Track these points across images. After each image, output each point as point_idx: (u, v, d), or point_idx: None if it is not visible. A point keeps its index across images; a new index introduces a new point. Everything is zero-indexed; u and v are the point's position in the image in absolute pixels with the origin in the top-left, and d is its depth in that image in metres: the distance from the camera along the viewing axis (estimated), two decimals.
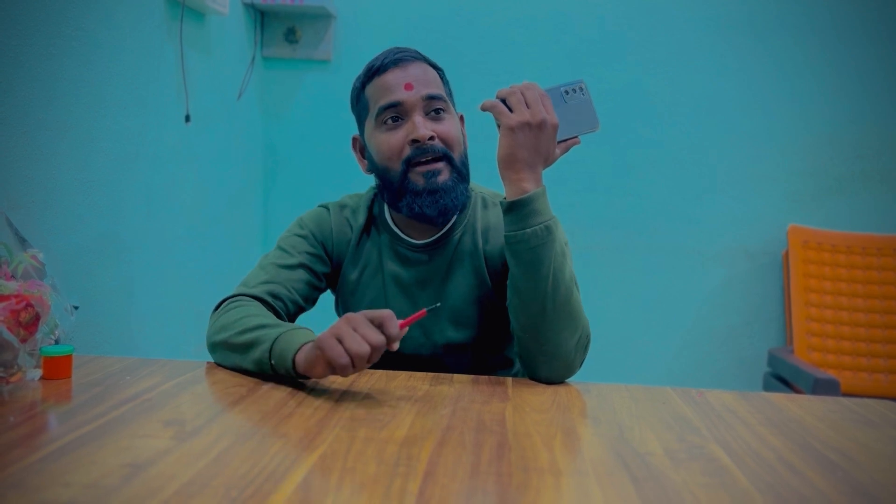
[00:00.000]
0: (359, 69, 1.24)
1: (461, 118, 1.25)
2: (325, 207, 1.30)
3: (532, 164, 1.06)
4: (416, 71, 1.17)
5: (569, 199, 2.69)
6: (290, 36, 2.71)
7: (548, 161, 1.08)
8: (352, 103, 1.25)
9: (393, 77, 1.16)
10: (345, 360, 0.89)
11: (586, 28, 2.69)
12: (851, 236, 2.58)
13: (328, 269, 1.27)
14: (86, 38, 1.60)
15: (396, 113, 1.16)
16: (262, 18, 2.71)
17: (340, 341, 0.90)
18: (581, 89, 1.10)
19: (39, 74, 1.46)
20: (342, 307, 1.30)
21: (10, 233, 1.04)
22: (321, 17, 2.71)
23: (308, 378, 1.00)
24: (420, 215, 1.17)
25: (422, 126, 1.14)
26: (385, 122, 1.17)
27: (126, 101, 1.77)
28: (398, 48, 1.20)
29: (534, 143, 1.05)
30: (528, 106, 1.05)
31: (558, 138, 1.08)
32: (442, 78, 1.22)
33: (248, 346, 1.03)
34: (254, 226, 2.73)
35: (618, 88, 2.69)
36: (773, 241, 2.68)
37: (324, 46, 2.72)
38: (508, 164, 1.06)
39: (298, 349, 0.97)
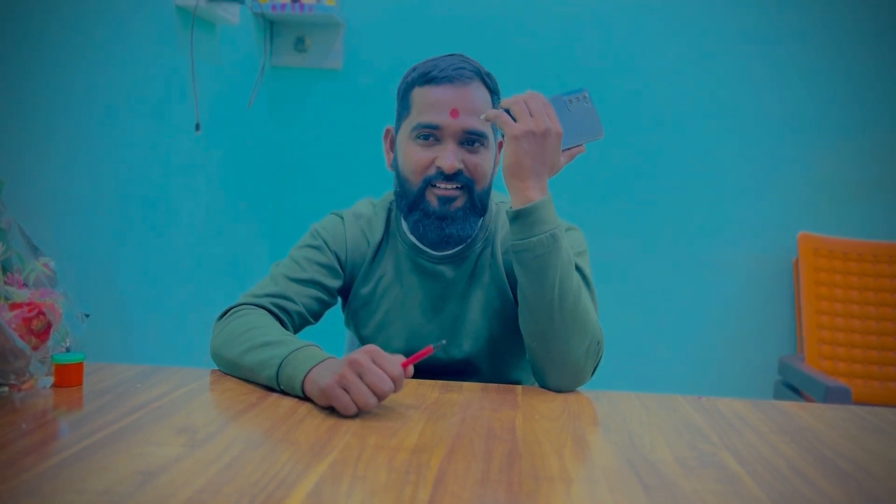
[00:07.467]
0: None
1: (499, 145, 1.22)
2: (339, 216, 1.27)
3: (537, 173, 1.06)
4: (468, 95, 1.14)
5: (579, 206, 2.69)
6: (300, 45, 2.73)
7: (553, 170, 1.08)
8: (398, 93, 1.22)
9: (444, 94, 1.14)
10: (352, 410, 0.89)
11: (597, 36, 2.69)
12: (862, 244, 2.57)
13: (341, 282, 1.24)
14: (98, 47, 1.62)
15: (433, 134, 1.15)
16: (271, 28, 2.72)
17: (347, 391, 0.89)
18: (584, 97, 1.10)
19: (52, 84, 1.47)
20: (352, 319, 1.29)
21: (22, 241, 1.05)
22: (330, 27, 2.72)
23: None
24: (423, 236, 1.18)
25: (452, 157, 1.13)
26: (420, 137, 1.15)
27: (137, 110, 1.79)
28: (461, 59, 1.16)
29: (538, 151, 1.05)
30: (531, 115, 1.05)
31: (562, 147, 1.08)
32: (493, 92, 1.19)
33: (254, 369, 1.03)
34: (263, 234, 2.74)
35: (629, 96, 2.69)
36: (784, 249, 2.67)
37: (333, 55, 2.73)
38: (513, 173, 1.06)
39: (305, 376, 0.95)
